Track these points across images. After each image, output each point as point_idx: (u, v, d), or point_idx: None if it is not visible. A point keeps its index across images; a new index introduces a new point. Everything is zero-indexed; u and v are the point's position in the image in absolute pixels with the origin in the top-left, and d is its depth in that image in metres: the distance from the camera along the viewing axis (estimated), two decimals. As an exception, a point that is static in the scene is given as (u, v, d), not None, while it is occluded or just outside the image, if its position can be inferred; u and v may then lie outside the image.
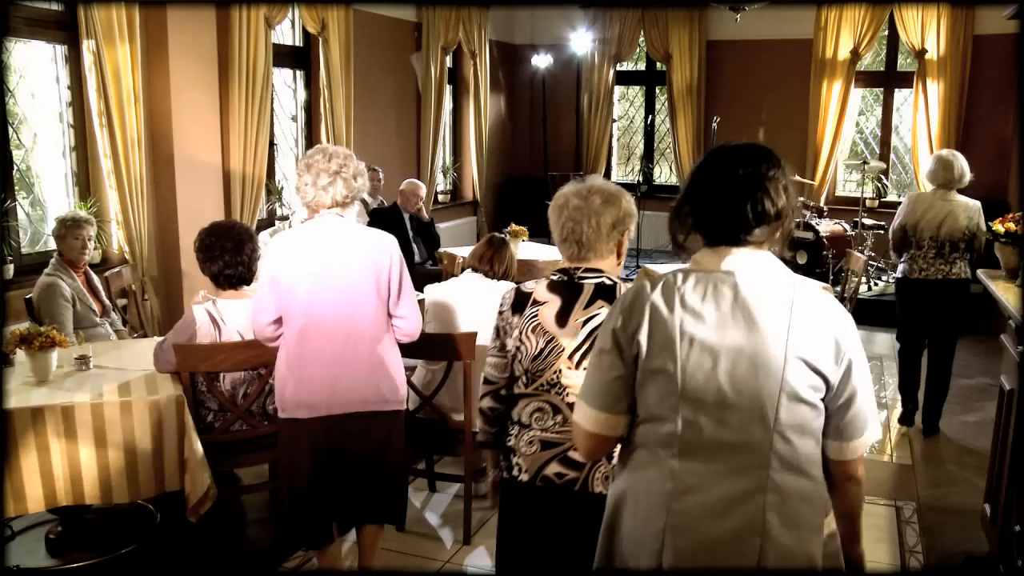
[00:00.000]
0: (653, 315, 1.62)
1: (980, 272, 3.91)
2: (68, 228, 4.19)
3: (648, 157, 10.25)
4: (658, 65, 9.83)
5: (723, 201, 1.62)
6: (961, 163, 4.74)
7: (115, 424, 3.17)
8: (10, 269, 4.54)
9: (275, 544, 3.67)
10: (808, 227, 7.63)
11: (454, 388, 3.66)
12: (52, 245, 4.51)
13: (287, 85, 6.91)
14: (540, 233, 7.77)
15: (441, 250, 6.58)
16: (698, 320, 1.60)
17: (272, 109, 6.18)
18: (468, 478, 3.68)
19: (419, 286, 5.08)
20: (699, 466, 1.60)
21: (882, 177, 8.86)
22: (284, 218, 6.36)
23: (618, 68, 9.95)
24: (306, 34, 6.74)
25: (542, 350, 2.15)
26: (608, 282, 2.16)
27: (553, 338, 2.15)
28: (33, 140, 5.01)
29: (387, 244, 2.92)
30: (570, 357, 2.12)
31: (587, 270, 2.18)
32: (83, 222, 4.25)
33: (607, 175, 10.34)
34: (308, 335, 2.84)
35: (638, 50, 9.92)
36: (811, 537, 1.63)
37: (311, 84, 6.96)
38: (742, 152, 1.64)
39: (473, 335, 3.50)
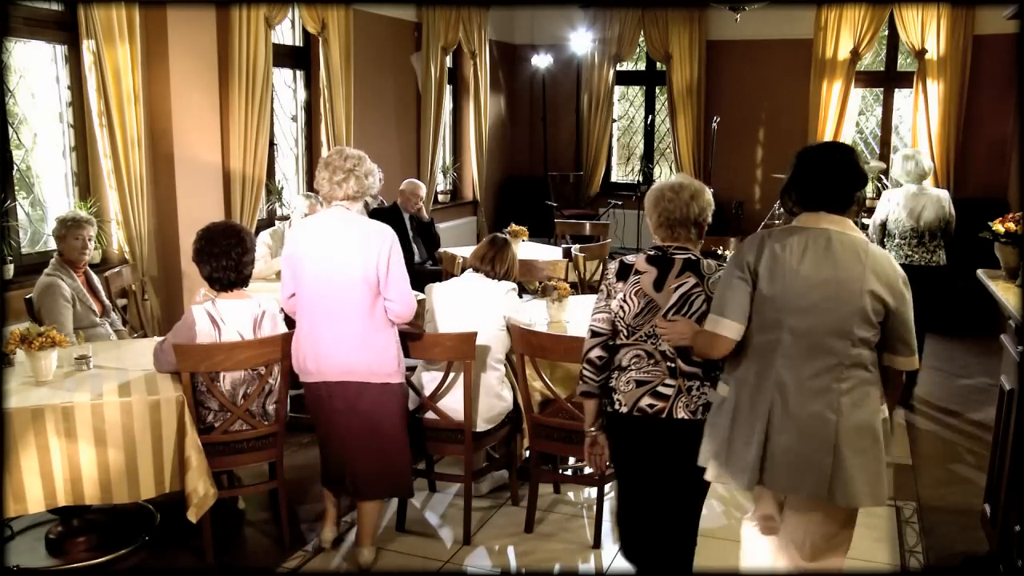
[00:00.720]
0: (771, 254, 2.39)
1: (980, 272, 3.91)
2: (68, 228, 4.19)
3: (648, 157, 10.25)
4: (658, 65, 9.83)
5: (825, 184, 2.41)
6: (926, 158, 5.50)
7: (115, 424, 3.18)
8: (10, 269, 4.54)
9: (279, 538, 3.68)
10: None
11: (454, 388, 3.66)
12: (52, 245, 4.51)
13: (287, 85, 6.91)
14: (540, 233, 7.80)
15: (441, 250, 6.58)
16: (800, 260, 2.36)
17: (272, 109, 6.18)
18: (468, 478, 3.68)
19: (419, 286, 5.07)
20: (795, 365, 2.36)
21: (882, 177, 8.84)
22: (284, 218, 6.36)
23: (618, 68, 9.95)
24: (306, 34, 6.74)
25: (642, 309, 2.70)
26: (692, 258, 2.71)
27: (651, 300, 2.70)
28: (33, 140, 5.01)
29: (382, 234, 3.26)
30: (664, 315, 2.66)
31: (677, 248, 2.74)
32: (83, 222, 4.25)
33: (607, 175, 10.34)
34: (309, 308, 3.29)
35: (638, 50, 9.92)
36: (873, 415, 2.38)
37: (311, 84, 6.96)
38: (835, 150, 2.47)
39: (473, 335, 3.50)
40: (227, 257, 3.42)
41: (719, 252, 5.68)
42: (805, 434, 2.35)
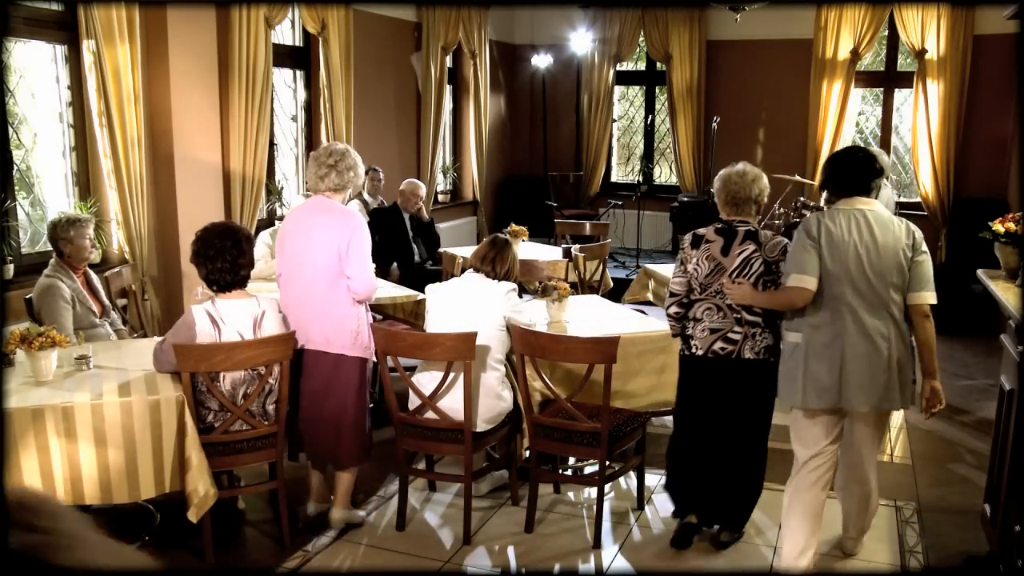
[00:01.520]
0: (827, 229, 3.13)
1: (980, 272, 3.91)
2: (77, 228, 4.17)
3: (648, 157, 10.25)
4: (658, 65, 9.83)
5: (854, 176, 3.21)
6: (882, 156, 5.71)
7: (115, 424, 3.17)
8: (10, 269, 4.53)
9: (278, 537, 3.68)
10: None
11: (454, 388, 3.66)
12: (52, 245, 4.51)
13: (287, 85, 6.91)
14: (540, 233, 7.80)
15: (441, 250, 6.58)
16: (849, 232, 3.11)
17: (272, 109, 6.18)
18: (468, 478, 3.68)
19: (419, 286, 5.07)
20: (855, 309, 3.11)
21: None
22: (284, 218, 6.36)
23: (618, 68, 9.95)
24: (306, 34, 6.74)
25: (711, 270, 3.42)
26: (752, 229, 3.44)
27: (719, 263, 3.41)
28: (33, 140, 5.01)
29: (347, 219, 3.59)
30: (729, 276, 3.36)
31: (739, 221, 3.46)
32: (86, 221, 4.25)
33: (607, 175, 10.35)
34: (287, 282, 3.68)
35: (638, 50, 9.92)
36: (906, 344, 3.17)
37: (311, 84, 6.96)
38: (857, 151, 3.36)
39: (473, 335, 3.50)
40: (222, 259, 3.42)
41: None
42: (869, 361, 3.10)
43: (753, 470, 3.51)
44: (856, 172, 3.20)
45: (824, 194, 3.76)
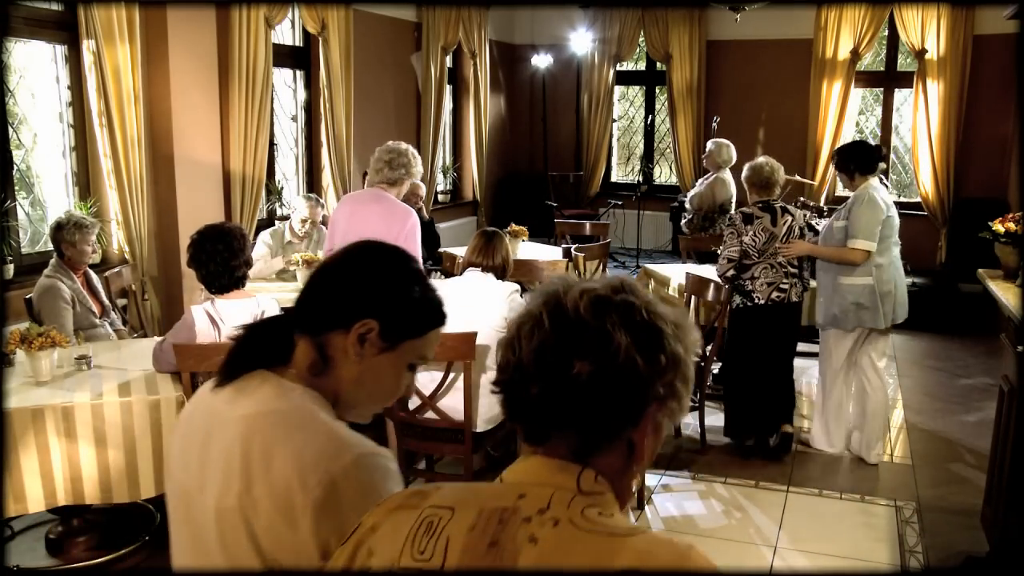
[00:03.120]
0: (886, 203, 4.31)
1: (980, 272, 3.92)
2: (81, 232, 4.16)
3: (648, 157, 10.25)
4: (658, 65, 9.83)
5: (875, 159, 4.37)
6: (730, 149, 6.66)
7: (115, 424, 3.17)
8: (10, 269, 4.53)
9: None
10: (809, 227, 7.62)
11: (454, 388, 3.66)
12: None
13: (287, 85, 6.91)
14: (540, 233, 7.79)
15: (441, 250, 6.58)
16: (884, 196, 4.35)
17: (272, 109, 6.18)
18: (468, 478, 3.68)
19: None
20: (896, 253, 4.38)
21: (882, 177, 8.85)
22: (284, 218, 6.35)
23: (618, 68, 9.95)
24: (306, 34, 6.74)
25: (766, 239, 4.43)
26: (783, 205, 4.53)
27: (771, 232, 4.44)
28: (33, 140, 5.01)
29: (400, 211, 4.02)
30: (780, 241, 4.42)
31: (772, 200, 4.52)
32: (91, 226, 4.24)
33: (607, 175, 10.35)
34: None
35: (638, 50, 9.92)
36: None
37: (311, 84, 6.96)
38: (866, 142, 4.64)
39: (473, 335, 3.50)
40: (214, 262, 3.42)
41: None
42: (903, 287, 4.43)
43: (790, 382, 4.63)
44: (874, 157, 4.35)
45: (842, 176, 4.47)
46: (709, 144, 6.85)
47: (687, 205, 6.92)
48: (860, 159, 4.32)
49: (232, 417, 1.25)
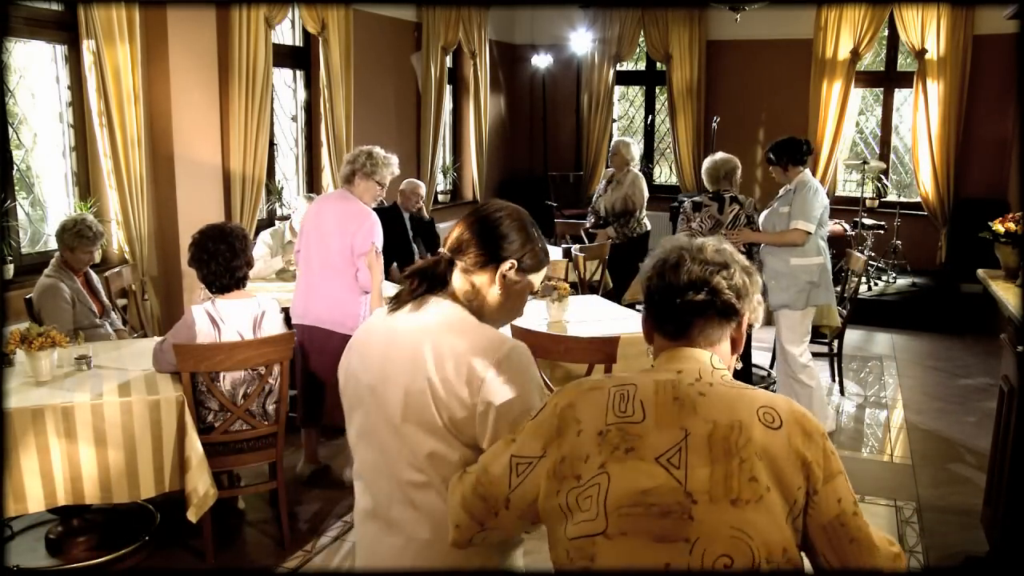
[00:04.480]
0: (818, 186, 4.82)
1: (980, 272, 3.91)
2: (81, 241, 4.15)
3: (648, 157, 10.25)
4: (658, 65, 9.83)
5: (805, 153, 4.80)
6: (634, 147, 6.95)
7: (115, 424, 3.18)
8: (10, 269, 4.53)
9: (278, 537, 3.68)
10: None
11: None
12: (52, 245, 4.50)
13: (287, 85, 6.90)
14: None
15: (441, 250, 6.58)
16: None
17: (272, 109, 6.18)
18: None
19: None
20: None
21: (882, 177, 8.85)
22: (284, 218, 6.35)
23: (618, 68, 9.95)
24: (306, 34, 6.74)
25: (712, 226, 4.91)
26: (733, 195, 5.01)
27: (717, 220, 4.93)
28: (33, 140, 5.01)
29: (360, 214, 4.02)
30: (725, 228, 4.87)
31: (723, 190, 5.01)
32: (96, 239, 4.19)
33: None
34: (305, 262, 4.10)
35: (638, 50, 9.92)
36: None
37: (311, 84, 6.96)
38: (797, 139, 4.88)
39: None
40: (215, 262, 3.42)
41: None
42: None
43: (747, 368, 4.97)
44: (803, 150, 4.75)
45: (776, 169, 4.78)
46: (616, 142, 6.96)
47: (601, 210, 6.89)
48: (792, 152, 4.75)
49: (414, 327, 1.68)
